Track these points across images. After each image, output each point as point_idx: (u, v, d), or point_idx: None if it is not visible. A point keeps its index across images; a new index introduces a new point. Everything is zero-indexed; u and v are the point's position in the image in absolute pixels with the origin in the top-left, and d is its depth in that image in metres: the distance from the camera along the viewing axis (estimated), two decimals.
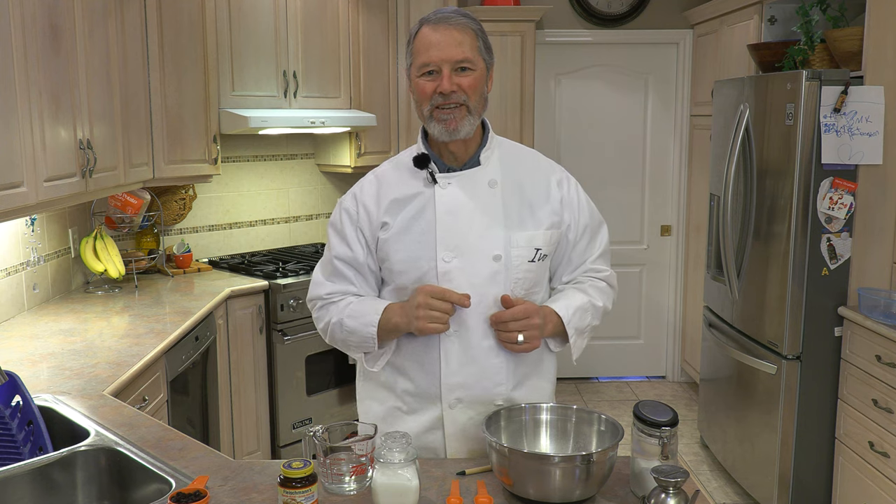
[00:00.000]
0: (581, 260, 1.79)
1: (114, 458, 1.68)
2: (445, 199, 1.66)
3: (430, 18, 1.63)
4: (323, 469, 1.47)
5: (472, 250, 1.64)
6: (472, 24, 1.64)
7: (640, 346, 5.21)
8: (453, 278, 1.63)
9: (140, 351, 2.48)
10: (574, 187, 1.77)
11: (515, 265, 1.66)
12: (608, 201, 5.00)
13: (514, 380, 1.70)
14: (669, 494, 1.30)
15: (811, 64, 3.29)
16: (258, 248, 4.31)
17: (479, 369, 1.67)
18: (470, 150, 1.70)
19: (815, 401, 3.16)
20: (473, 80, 1.62)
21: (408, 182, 1.69)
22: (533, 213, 1.70)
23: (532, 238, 1.68)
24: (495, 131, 1.81)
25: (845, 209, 3.05)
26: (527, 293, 1.70)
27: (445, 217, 1.65)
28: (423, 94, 1.62)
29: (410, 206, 1.67)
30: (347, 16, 4.06)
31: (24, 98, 2.20)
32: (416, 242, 1.65)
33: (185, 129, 3.45)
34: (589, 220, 1.78)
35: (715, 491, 3.64)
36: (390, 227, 1.67)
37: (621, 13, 4.81)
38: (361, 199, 1.72)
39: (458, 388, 1.67)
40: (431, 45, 1.59)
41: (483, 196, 1.67)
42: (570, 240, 1.75)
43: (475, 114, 1.64)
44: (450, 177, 1.67)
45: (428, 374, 1.69)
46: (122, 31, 2.98)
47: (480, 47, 1.64)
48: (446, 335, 1.65)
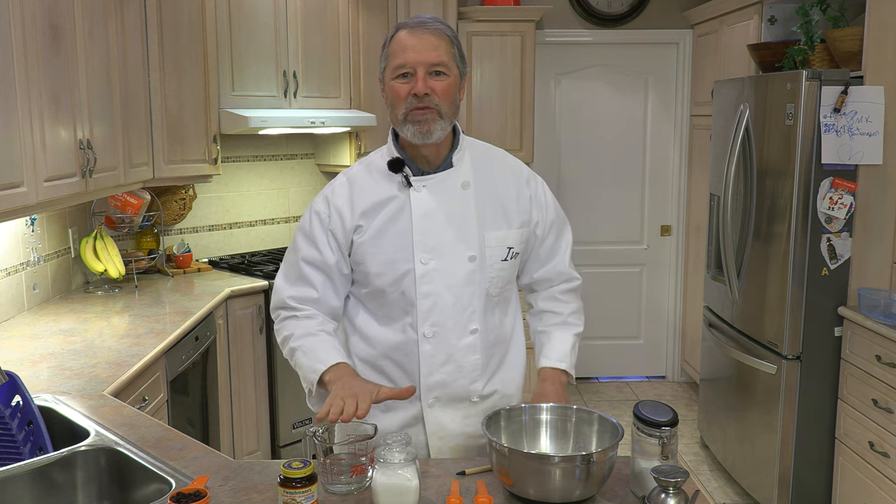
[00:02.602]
0: (549, 256, 1.83)
1: (114, 458, 1.68)
2: (421, 203, 1.68)
3: (408, 23, 1.65)
4: (323, 469, 1.47)
5: (448, 252, 1.68)
6: (449, 31, 1.67)
7: (640, 346, 5.21)
8: (431, 280, 1.67)
9: (140, 351, 2.48)
10: (541, 185, 1.82)
11: (489, 264, 1.71)
12: (608, 201, 5.00)
13: (488, 374, 1.75)
14: (669, 494, 1.30)
15: (811, 64, 3.29)
16: (258, 248, 4.31)
17: (457, 368, 1.71)
18: (442, 153, 1.72)
19: (815, 401, 3.16)
20: (447, 85, 1.64)
21: (381, 185, 1.71)
22: (505, 212, 1.74)
23: (505, 237, 1.73)
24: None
25: (845, 209, 3.05)
26: (500, 291, 1.75)
27: (421, 220, 1.68)
28: (397, 96, 1.64)
29: (386, 209, 1.69)
30: (347, 16, 4.06)
31: (24, 98, 2.20)
32: (392, 245, 1.68)
33: (185, 129, 3.45)
34: (555, 217, 1.82)
35: (715, 491, 3.64)
36: (365, 231, 1.69)
37: (621, 13, 4.81)
38: (334, 203, 1.73)
39: (437, 387, 1.71)
40: (407, 48, 1.62)
41: (457, 198, 1.70)
42: (539, 236, 1.80)
43: (447, 119, 1.65)
44: (424, 180, 1.70)
45: (406, 374, 1.72)
46: (122, 31, 2.98)
47: (455, 54, 1.66)
48: (424, 336, 1.69)
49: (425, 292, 1.68)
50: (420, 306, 1.68)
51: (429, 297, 1.68)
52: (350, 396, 1.47)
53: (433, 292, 1.68)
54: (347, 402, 1.45)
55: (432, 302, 1.68)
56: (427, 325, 1.69)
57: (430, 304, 1.68)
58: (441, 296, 1.68)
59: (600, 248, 5.04)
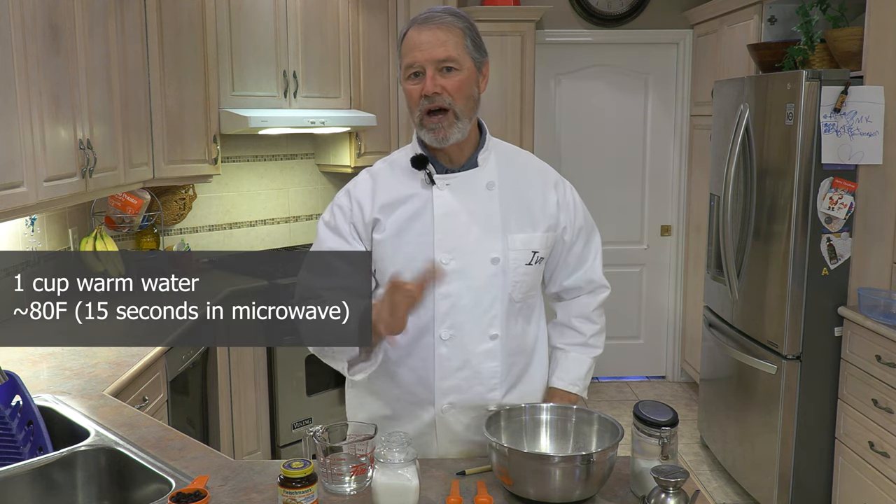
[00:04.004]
0: (579, 263, 1.78)
1: (114, 458, 1.68)
2: (443, 201, 1.64)
3: (417, 19, 1.60)
4: (323, 469, 1.47)
5: (470, 253, 1.63)
6: (460, 21, 1.60)
7: (640, 346, 5.20)
8: (451, 280, 1.62)
9: (140, 351, 2.48)
10: (570, 190, 1.77)
11: (513, 268, 1.65)
12: (608, 201, 5.00)
13: (507, 384, 1.69)
14: (669, 494, 1.30)
15: (811, 64, 3.29)
16: (258, 248, 4.31)
17: (474, 373, 1.66)
18: (466, 152, 1.67)
19: (815, 401, 3.16)
20: (459, 81, 1.58)
21: (404, 182, 1.67)
22: (530, 215, 1.69)
23: (529, 241, 1.67)
24: (494, 132, 1.80)
25: (845, 209, 3.05)
26: (524, 297, 1.69)
27: (443, 219, 1.63)
28: (411, 99, 1.60)
29: (406, 206, 1.65)
30: (347, 16, 4.06)
31: (24, 98, 2.20)
32: (413, 244, 1.63)
33: (185, 129, 3.45)
34: (584, 223, 1.77)
35: (715, 491, 3.64)
36: (384, 228, 1.65)
37: (621, 13, 4.81)
38: (355, 196, 1.69)
39: (452, 392, 1.66)
40: (415, 46, 1.57)
41: (481, 198, 1.66)
42: (567, 241, 1.74)
43: (463, 118, 1.60)
44: (448, 178, 1.65)
45: (420, 379, 1.66)
46: (122, 31, 2.98)
47: (468, 45, 1.60)
48: (440, 339, 1.63)
49: (444, 293, 1.62)
50: (438, 307, 1.62)
51: (447, 299, 1.62)
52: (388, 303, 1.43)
53: (452, 293, 1.62)
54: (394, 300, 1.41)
55: (451, 304, 1.63)
56: (444, 327, 1.63)
57: (449, 306, 1.63)
58: (460, 297, 1.63)
59: None
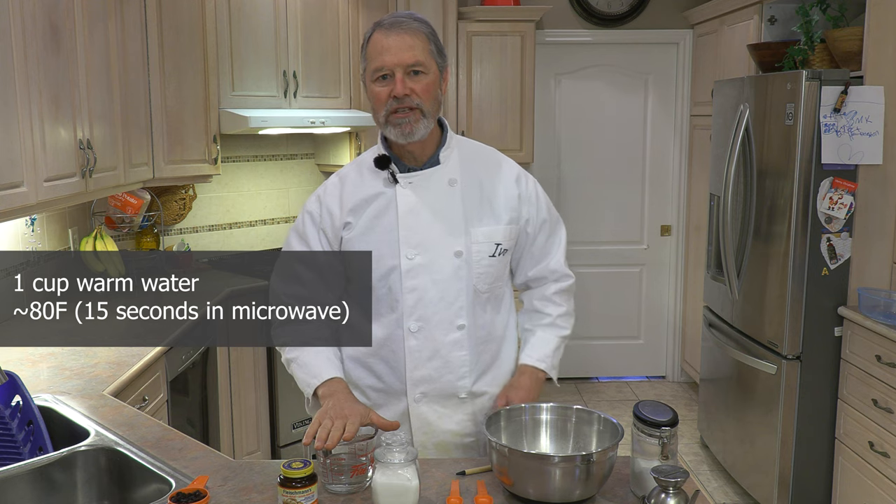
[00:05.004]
0: (543, 254, 1.83)
1: (114, 458, 1.68)
2: (406, 199, 1.70)
3: (383, 23, 1.66)
4: (323, 469, 1.47)
5: (434, 247, 1.70)
6: (424, 27, 1.67)
7: (640, 346, 5.20)
8: (417, 275, 1.69)
9: (140, 351, 2.48)
10: (532, 184, 1.82)
11: (476, 260, 1.72)
12: (608, 201, 5.00)
13: (477, 372, 1.75)
14: (669, 494, 1.30)
15: (811, 64, 3.29)
16: (258, 248, 4.31)
17: (443, 363, 1.72)
18: (428, 150, 1.74)
19: (815, 401, 3.16)
20: (426, 84, 1.65)
21: (370, 182, 1.74)
22: (492, 208, 1.75)
23: (492, 233, 1.73)
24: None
25: (845, 209, 3.05)
26: (490, 287, 1.75)
27: (407, 216, 1.70)
28: (378, 100, 1.66)
29: (373, 205, 1.72)
30: (347, 16, 4.06)
31: (24, 98, 2.20)
32: (379, 241, 1.70)
33: (185, 129, 3.45)
34: (547, 216, 1.82)
35: (715, 491, 3.64)
36: (354, 227, 1.72)
37: (621, 13, 4.81)
38: (325, 202, 1.76)
39: (423, 382, 1.72)
40: (384, 50, 1.63)
41: (443, 194, 1.72)
42: (530, 234, 1.80)
43: (430, 116, 1.67)
44: (410, 176, 1.72)
45: (393, 370, 1.73)
46: (122, 31, 2.98)
47: (433, 50, 1.67)
48: (410, 331, 1.70)
49: (410, 287, 1.69)
50: (405, 301, 1.70)
51: (414, 292, 1.69)
52: (339, 417, 1.49)
53: (418, 287, 1.69)
54: (336, 424, 1.46)
55: (417, 297, 1.70)
56: (412, 319, 1.70)
57: (416, 299, 1.70)
58: (427, 291, 1.70)
59: (600, 248, 5.03)
